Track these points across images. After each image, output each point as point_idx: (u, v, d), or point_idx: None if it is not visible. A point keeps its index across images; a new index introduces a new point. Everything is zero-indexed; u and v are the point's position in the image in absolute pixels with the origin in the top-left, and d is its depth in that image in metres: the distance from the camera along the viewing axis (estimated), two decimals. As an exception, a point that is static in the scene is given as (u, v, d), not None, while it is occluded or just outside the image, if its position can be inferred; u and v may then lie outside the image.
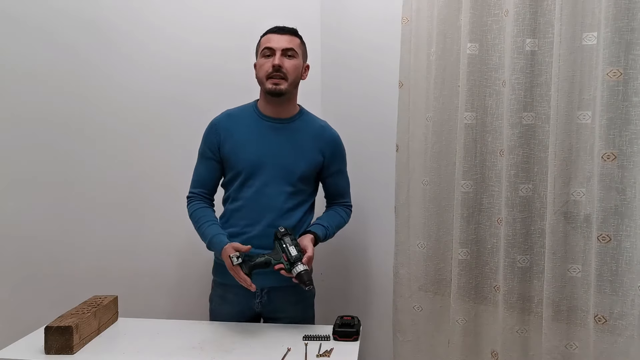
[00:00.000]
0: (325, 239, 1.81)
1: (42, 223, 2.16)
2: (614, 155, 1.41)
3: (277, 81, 1.73)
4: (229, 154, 1.79)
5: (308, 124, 1.84)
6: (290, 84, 1.75)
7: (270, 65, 1.73)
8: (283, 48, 1.74)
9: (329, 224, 1.84)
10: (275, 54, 1.73)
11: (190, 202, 1.84)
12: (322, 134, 1.85)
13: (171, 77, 2.23)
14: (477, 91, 1.75)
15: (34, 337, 1.58)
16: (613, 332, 1.43)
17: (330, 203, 1.94)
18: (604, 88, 1.41)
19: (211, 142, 1.81)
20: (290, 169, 1.78)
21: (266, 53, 1.75)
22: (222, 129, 1.81)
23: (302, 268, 1.60)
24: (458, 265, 1.78)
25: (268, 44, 1.75)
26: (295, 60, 1.77)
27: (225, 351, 1.55)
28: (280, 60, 1.73)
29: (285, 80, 1.74)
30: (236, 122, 1.82)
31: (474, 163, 1.77)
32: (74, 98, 2.16)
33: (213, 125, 1.83)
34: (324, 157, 1.83)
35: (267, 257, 1.63)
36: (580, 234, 1.54)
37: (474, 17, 1.72)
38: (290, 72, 1.75)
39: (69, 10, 2.13)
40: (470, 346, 1.81)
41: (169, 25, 2.22)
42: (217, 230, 1.75)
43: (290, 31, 1.79)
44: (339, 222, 1.89)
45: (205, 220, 1.78)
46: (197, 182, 1.85)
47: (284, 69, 1.73)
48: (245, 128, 1.80)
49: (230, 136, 1.79)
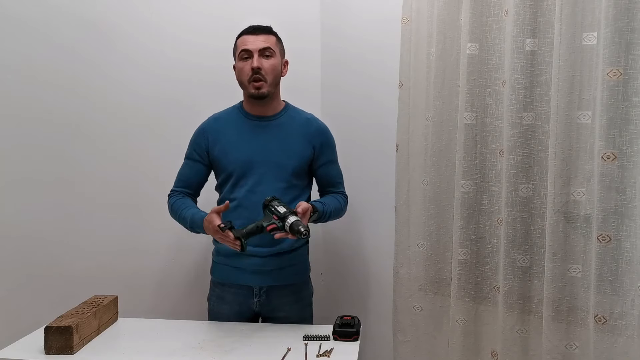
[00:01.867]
0: (322, 214, 1.78)
1: (42, 223, 2.16)
2: (614, 155, 1.41)
3: (258, 85, 1.74)
4: (219, 156, 1.80)
5: (294, 119, 1.85)
6: (270, 84, 1.77)
7: (249, 69, 1.74)
8: (260, 49, 1.74)
9: (326, 202, 1.84)
10: (252, 55, 1.74)
11: (171, 196, 1.86)
12: (309, 127, 1.85)
13: (171, 77, 2.24)
14: (477, 91, 1.75)
15: (34, 337, 1.58)
16: (613, 332, 1.43)
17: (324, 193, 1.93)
18: (604, 88, 1.41)
19: (199, 146, 1.83)
20: (282, 164, 1.78)
21: (244, 56, 1.76)
22: (210, 133, 1.82)
23: (294, 219, 1.56)
24: (458, 265, 1.78)
25: (244, 46, 1.76)
26: (273, 59, 1.77)
27: (225, 351, 1.55)
28: (259, 61, 1.73)
29: (265, 82, 1.75)
30: (223, 124, 1.83)
31: (474, 163, 1.76)
32: (73, 98, 2.16)
33: (201, 130, 1.85)
34: (313, 149, 1.83)
35: (258, 222, 1.61)
36: (580, 234, 1.53)
37: (474, 17, 1.72)
38: (269, 72, 1.76)
39: (68, 10, 2.13)
40: (470, 346, 1.81)
41: (168, 26, 2.23)
42: (196, 211, 1.75)
43: (265, 30, 1.79)
44: (335, 205, 1.86)
45: (185, 207, 1.79)
46: (180, 182, 1.87)
47: (263, 70, 1.74)
48: (233, 129, 1.81)
49: (219, 139, 1.81)
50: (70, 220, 2.18)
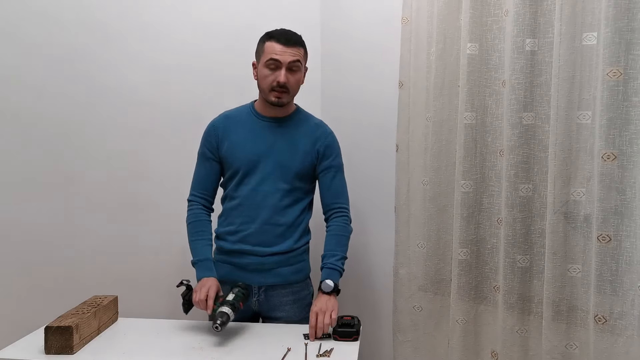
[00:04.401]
0: (341, 273, 1.79)
1: (42, 223, 2.16)
2: (614, 155, 1.41)
3: (280, 95, 1.74)
4: (227, 153, 1.80)
5: (303, 122, 1.85)
6: (292, 95, 1.78)
7: (275, 80, 1.72)
8: (289, 62, 1.72)
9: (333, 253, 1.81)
10: (280, 68, 1.71)
11: (191, 209, 1.84)
12: (317, 131, 1.85)
13: (171, 77, 2.23)
14: (477, 91, 1.75)
15: (34, 337, 1.58)
16: (613, 332, 1.43)
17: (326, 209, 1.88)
18: (604, 88, 1.41)
19: (210, 143, 1.83)
20: (286, 166, 1.78)
21: (271, 65, 1.72)
22: (220, 130, 1.82)
23: (220, 310, 1.58)
24: (458, 265, 1.78)
25: (274, 55, 1.71)
26: (299, 73, 1.77)
27: (225, 351, 1.54)
28: (286, 77, 1.72)
29: (287, 94, 1.75)
30: (234, 122, 1.83)
31: (474, 163, 1.77)
32: (74, 98, 2.16)
33: (212, 126, 1.84)
34: (318, 153, 1.83)
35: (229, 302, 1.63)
36: (580, 234, 1.54)
37: (474, 17, 1.72)
38: (294, 86, 1.76)
39: (68, 10, 2.13)
40: (470, 346, 1.81)
41: (168, 26, 2.22)
42: (206, 255, 1.78)
43: (296, 42, 1.75)
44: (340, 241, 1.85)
45: (200, 236, 1.80)
46: (197, 184, 1.86)
47: (288, 84, 1.73)
48: (243, 128, 1.81)
49: (228, 136, 1.81)
50: (70, 220, 2.18)
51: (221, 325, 1.54)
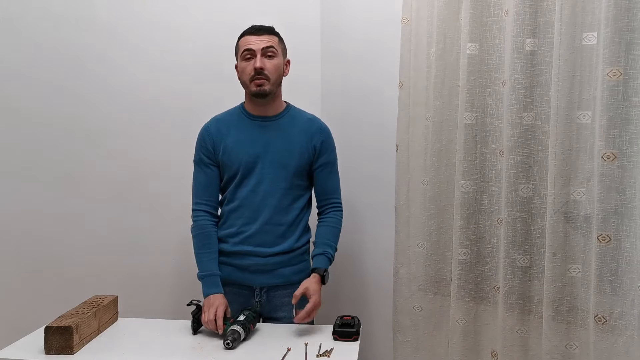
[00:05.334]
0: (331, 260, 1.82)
1: (42, 223, 2.16)
2: (614, 155, 1.41)
3: (260, 82, 1.74)
4: (223, 157, 1.80)
5: (296, 119, 1.85)
6: (273, 83, 1.76)
7: (252, 68, 1.74)
8: (262, 48, 1.74)
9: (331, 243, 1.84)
10: (255, 55, 1.74)
11: (196, 219, 1.83)
12: (311, 126, 1.85)
13: (171, 76, 2.24)
14: (477, 91, 1.75)
15: (34, 337, 1.58)
16: (613, 332, 1.43)
17: (321, 204, 1.90)
18: (604, 88, 1.41)
19: (206, 148, 1.82)
20: (284, 164, 1.78)
21: (246, 56, 1.75)
22: (214, 134, 1.82)
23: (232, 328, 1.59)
24: (458, 265, 1.78)
25: (247, 45, 1.75)
26: (276, 59, 1.77)
27: (225, 351, 1.55)
28: (262, 61, 1.73)
29: (268, 80, 1.75)
30: (226, 125, 1.83)
31: (473, 163, 1.76)
32: (73, 97, 2.17)
33: (205, 131, 1.84)
34: (314, 148, 1.83)
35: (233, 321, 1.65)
36: (580, 234, 1.53)
37: (473, 17, 1.72)
38: (272, 72, 1.75)
39: (69, 8, 2.14)
40: (470, 346, 1.81)
41: (169, 25, 2.23)
42: (212, 269, 1.78)
43: (268, 30, 1.78)
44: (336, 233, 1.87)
45: (207, 249, 1.80)
46: (201, 192, 1.84)
47: (266, 70, 1.74)
48: (235, 130, 1.81)
49: (222, 140, 1.81)
50: (70, 220, 2.18)
51: (232, 342, 1.55)
